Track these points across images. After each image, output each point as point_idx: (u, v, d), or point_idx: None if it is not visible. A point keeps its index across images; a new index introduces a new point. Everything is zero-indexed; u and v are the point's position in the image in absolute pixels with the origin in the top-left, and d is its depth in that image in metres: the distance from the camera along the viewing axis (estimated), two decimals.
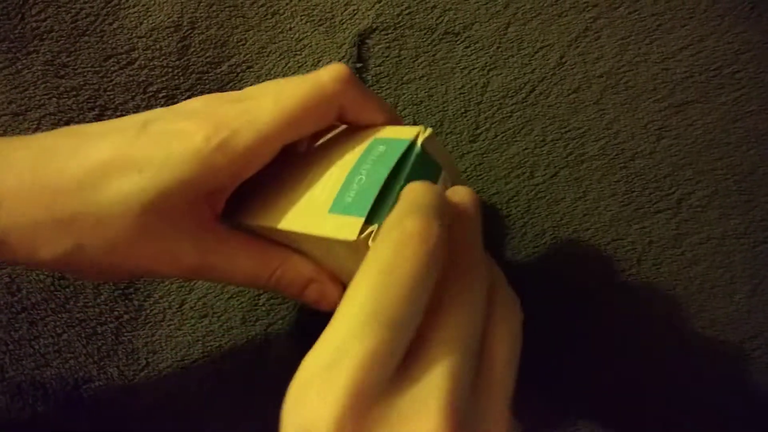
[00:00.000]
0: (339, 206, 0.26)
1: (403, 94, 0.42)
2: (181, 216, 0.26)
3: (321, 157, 0.29)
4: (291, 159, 0.30)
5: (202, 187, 0.26)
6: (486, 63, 0.42)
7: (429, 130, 0.27)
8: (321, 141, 0.31)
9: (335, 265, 0.29)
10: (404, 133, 0.27)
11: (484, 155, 0.41)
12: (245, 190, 0.29)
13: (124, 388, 0.37)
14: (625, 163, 0.40)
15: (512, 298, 0.25)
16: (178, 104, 0.29)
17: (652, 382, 0.38)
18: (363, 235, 0.24)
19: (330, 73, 0.28)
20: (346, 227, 0.25)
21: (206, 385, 0.37)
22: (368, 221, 0.25)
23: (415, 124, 0.41)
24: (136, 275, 0.35)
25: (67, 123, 0.41)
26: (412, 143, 0.27)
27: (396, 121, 0.31)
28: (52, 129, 0.40)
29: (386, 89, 0.42)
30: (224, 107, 0.27)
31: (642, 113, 0.41)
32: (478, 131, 0.41)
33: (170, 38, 0.42)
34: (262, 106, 0.27)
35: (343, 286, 0.30)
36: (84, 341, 0.37)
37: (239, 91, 0.31)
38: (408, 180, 0.26)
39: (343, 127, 0.31)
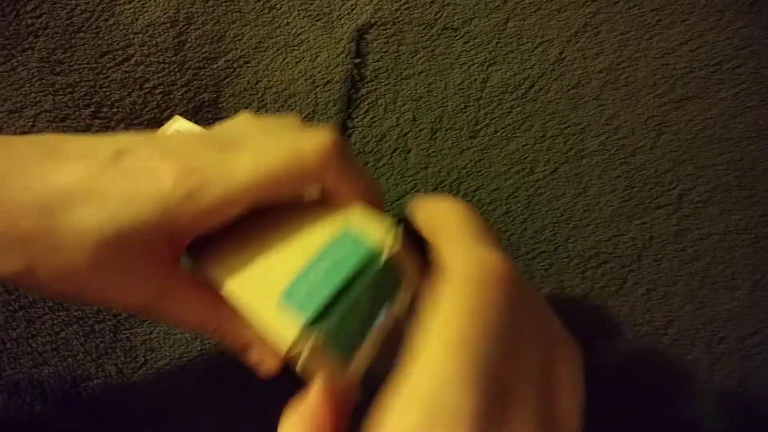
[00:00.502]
0: (288, 297, 0.26)
1: (402, 89, 0.41)
2: (138, 255, 0.26)
3: (295, 219, 0.29)
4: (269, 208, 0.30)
5: (162, 230, 0.26)
6: (485, 58, 0.42)
7: (397, 247, 0.26)
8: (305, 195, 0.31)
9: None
10: (375, 229, 0.27)
11: (484, 151, 0.41)
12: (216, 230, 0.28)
13: (122, 385, 0.36)
14: (626, 159, 0.40)
15: (571, 342, 0.25)
16: (159, 135, 0.29)
17: (651, 379, 0.37)
18: (295, 344, 0.24)
19: (314, 144, 0.27)
20: (284, 327, 0.25)
21: (204, 382, 0.37)
22: (312, 323, 0.25)
23: (414, 120, 0.41)
24: (86, 303, 0.35)
25: (63, 120, 0.40)
26: (378, 254, 0.26)
27: (377, 198, 0.30)
28: (48, 126, 0.40)
29: (385, 85, 0.42)
30: (202, 152, 0.26)
31: (642, 109, 0.41)
32: (478, 127, 0.41)
33: (166, 34, 0.42)
34: (239, 162, 0.26)
35: (282, 358, 0.30)
36: (82, 339, 0.37)
37: (226, 131, 0.30)
38: (363, 291, 0.25)
39: None
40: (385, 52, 0.42)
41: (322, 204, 0.29)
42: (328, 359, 0.25)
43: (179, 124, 0.38)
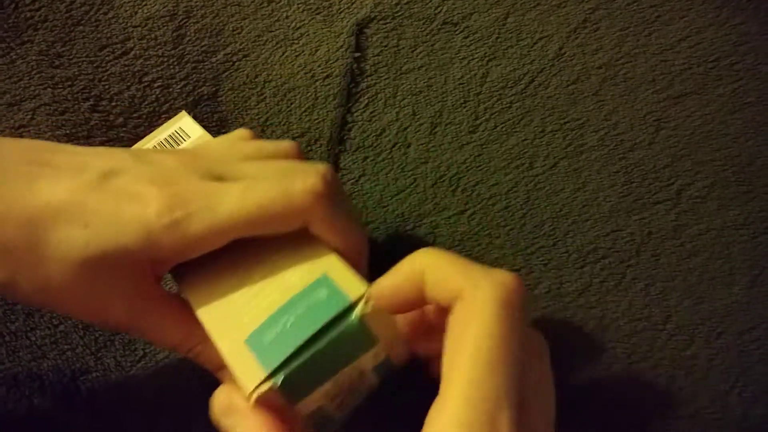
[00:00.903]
0: (256, 340, 0.26)
1: (402, 84, 0.42)
2: (119, 276, 0.26)
3: (276, 252, 0.29)
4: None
5: (144, 255, 0.26)
6: (485, 53, 0.42)
7: (372, 303, 0.26)
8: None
9: None
10: (353, 284, 0.26)
11: (484, 146, 0.41)
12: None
13: (121, 378, 0.36)
14: (624, 154, 0.40)
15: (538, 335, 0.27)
16: (153, 153, 0.28)
17: (649, 374, 0.38)
18: (254, 391, 0.25)
19: (305, 185, 0.27)
20: (247, 372, 0.25)
21: (203, 375, 0.37)
22: (272, 373, 0.25)
23: (414, 114, 0.41)
24: (68, 316, 0.36)
25: (62, 114, 0.40)
26: (351, 307, 0.26)
27: (360, 248, 0.30)
28: (47, 119, 0.40)
29: (385, 79, 0.42)
30: (191, 181, 0.27)
31: (641, 104, 0.41)
32: (478, 122, 0.41)
33: (165, 27, 0.42)
34: (226, 197, 0.26)
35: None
36: (81, 332, 0.37)
37: (220, 152, 0.30)
38: (330, 346, 0.25)
39: None
40: (385, 46, 0.42)
41: (306, 237, 0.29)
42: (280, 399, 0.25)
43: (184, 122, 0.38)
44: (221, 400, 0.26)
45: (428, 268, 0.25)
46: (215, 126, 0.41)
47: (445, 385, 0.22)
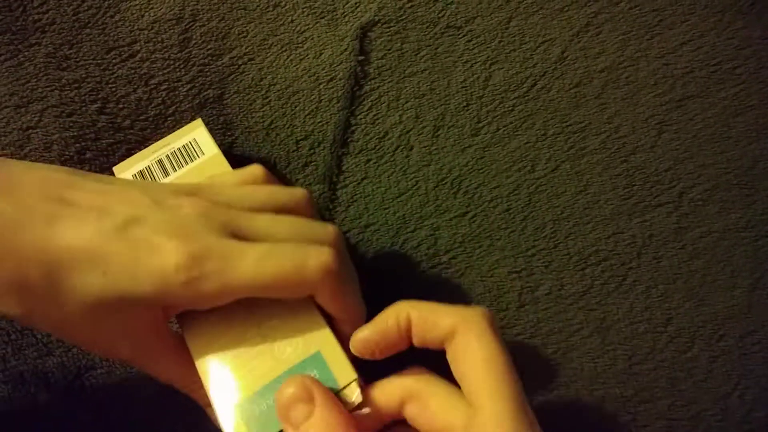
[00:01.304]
0: (248, 408, 0.28)
1: (405, 87, 0.42)
2: (128, 319, 0.28)
3: (276, 318, 0.30)
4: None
5: (158, 303, 0.27)
6: (488, 57, 0.42)
7: (358, 397, 0.28)
8: None
9: None
10: (343, 369, 0.29)
11: (486, 149, 0.41)
12: None
13: (126, 375, 0.37)
14: (626, 157, 0.41)
15: None
16: (172, 197, 0.29)
17: (650, 377, 0.38)
18: None
19: (319, 262, 0.28)
20: None
21: None
22: None
23: (417, 117, 0.41)
24: (77, 347, 0.38)
25: (70, 116, 0.41)
26: (337, 393, 0.28)
27: (359, 320, 0.31)
28: (55, 121, 0.41)
29: (388, 82, 0.42)
30: (210, 239, 0.27)
31: (643, 108, 0.41)
32: (480, 125, 0.41)
33: (172, 30, 0.42)
34: (243, 263, 0.27)
35: None
36: None
37: (236, 198, 0.31)
38: None
39: None
40: (389, 50, 0.42)
41: (306, 300, 0.30)
42: None
43: (198, 134, 0.39)
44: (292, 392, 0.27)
45: (414, 317, 0.28)
46: (221, 128, 0.41)
47: (475, 400, 0.26)
